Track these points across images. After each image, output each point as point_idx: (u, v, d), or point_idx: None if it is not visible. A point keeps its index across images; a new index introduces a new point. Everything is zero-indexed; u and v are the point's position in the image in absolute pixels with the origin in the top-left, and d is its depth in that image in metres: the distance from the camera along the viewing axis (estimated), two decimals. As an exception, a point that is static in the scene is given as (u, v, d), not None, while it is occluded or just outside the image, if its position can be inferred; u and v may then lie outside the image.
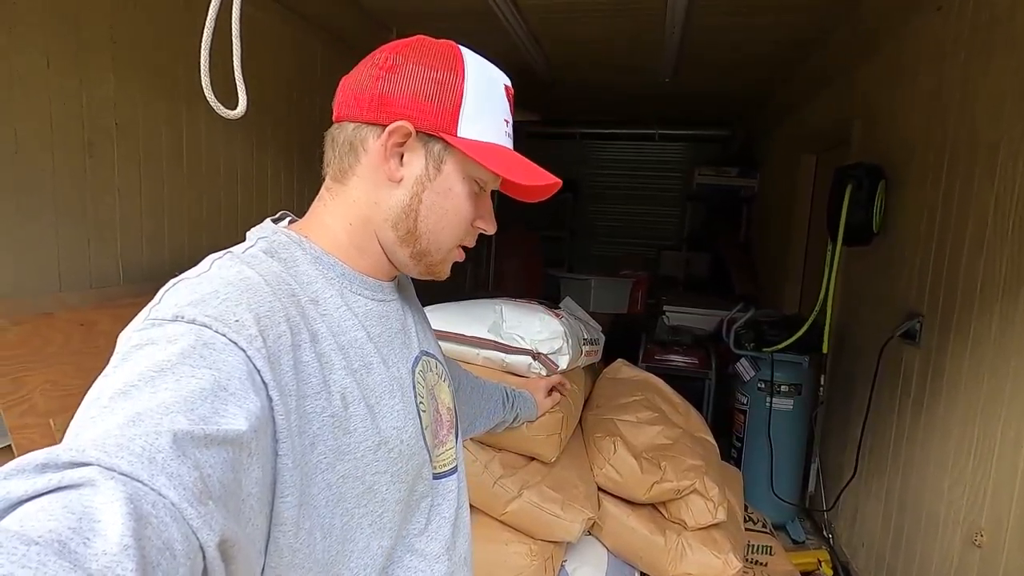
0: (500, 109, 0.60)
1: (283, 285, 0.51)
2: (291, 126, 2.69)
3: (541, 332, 1.35)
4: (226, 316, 0.44)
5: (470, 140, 0.57)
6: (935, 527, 1.73)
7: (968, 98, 1.72)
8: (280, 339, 0.47)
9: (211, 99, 0.58)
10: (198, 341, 0.41)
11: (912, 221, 2.02)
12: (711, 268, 5.17)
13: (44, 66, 1.62)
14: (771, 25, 2.72)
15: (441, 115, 0.56)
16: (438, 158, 0.58)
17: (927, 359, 1.86)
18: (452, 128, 0.56)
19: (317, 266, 0.57)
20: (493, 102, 0.59)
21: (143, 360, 0.39)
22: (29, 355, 1.60)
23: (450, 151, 0.58)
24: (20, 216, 1.59)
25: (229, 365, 0.41)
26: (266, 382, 0.44)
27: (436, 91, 0.56)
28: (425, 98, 0.56)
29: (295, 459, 0.46)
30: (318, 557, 0.49)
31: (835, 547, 2.45)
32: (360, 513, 0.53)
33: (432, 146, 0.57)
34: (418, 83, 0.56)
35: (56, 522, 0.27)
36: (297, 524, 0.47)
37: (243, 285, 0.47)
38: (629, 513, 1.39)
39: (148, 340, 0.41)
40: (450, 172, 0.58)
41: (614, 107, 4.96)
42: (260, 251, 0.54)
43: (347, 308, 0.56)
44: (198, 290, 0.45)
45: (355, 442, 0.52)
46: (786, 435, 2.56)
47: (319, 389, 0.49)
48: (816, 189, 3.45)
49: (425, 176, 0.58)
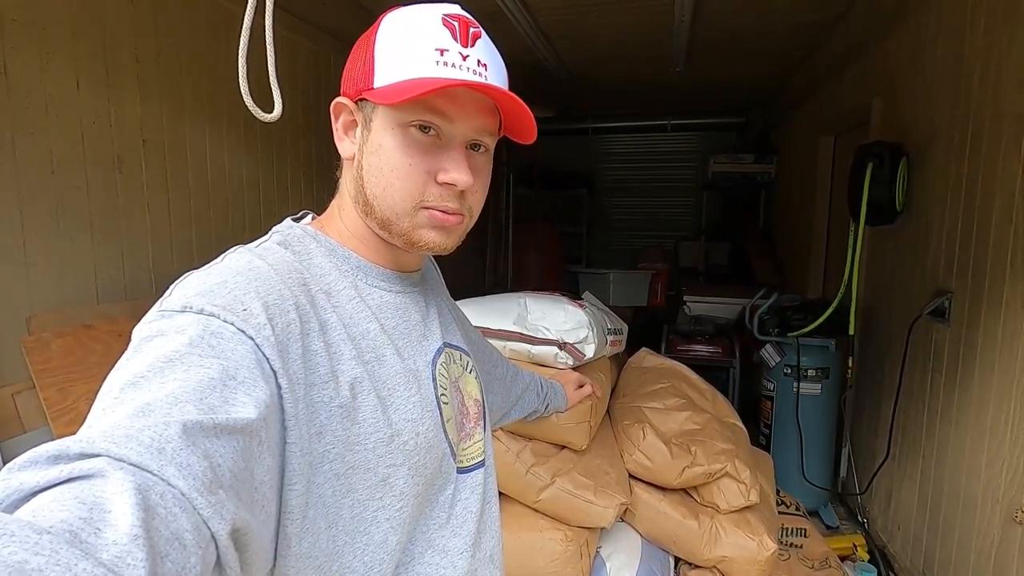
0: (428, 42, 0.53)
1: (294, 274, 0.51)
2: (309, 137, 2.74)
3: (566, 322, 1.36)
4: (234, 305, 0.44)
5: (385, 86, 0.53)
6: (973, 506, 1.70)
7: (992, 69, 1.69)
8: (289, 327, 0.46)
9: (249, 103, 0.61)
10: (206, 331, 0.41)
11: (937, 197, 1.99)
12: (730, 257, 5.12)
13: (75, 88, 1.68)
14: (786, 7, 2.70)
15: (360, 76, 0.55)
16: (367, 118, 0.56)
17: (958, 335, 1.83)
18: (369, 83, 0.54)
19: (331, 258, 0.57)
20: (415, 40, 0.54)
21: (153, 351, 0.40)
22: (73, 366, 1.67)
23: (376, 108, 0.55)
24: (61, 233, 1.66)
25: (238, 354, 0.41)
26: (275, 370, 0.44)
27: (355, 59, 0.57)
28: (349, 70, 0.57)
29: (302, 447, 0.46)
30: (323, 547, 0.49)
31: (870, 531, 2.42)
32: (375, 506, 0.52)
33: (365, 110, 0.56)
34: (349, 61, 0.58)
35: (68, 512, 0.28)
36: (303, 513, 0.47)
37: (251, 274, 0.47)
38: (661, 498, 1.39)
39: (158, 331, 0.42)
40: (378, 127, 0.55)
41: (626, 99, 4.95)
42: (274, 243, 0.55)
43: (360, 300, 0.56)
44: (206, 281, 0.46)
45: (365, 433, 0.51)
46: (815, 420, 2.54)
47: (327, 378, 0.49)
48: (836, 171, 3.40)
49: (362, 140, 0.57)
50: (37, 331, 1.61)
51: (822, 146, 3.49)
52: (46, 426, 1.60)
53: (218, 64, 2.16)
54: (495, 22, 2.76)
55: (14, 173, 1.53)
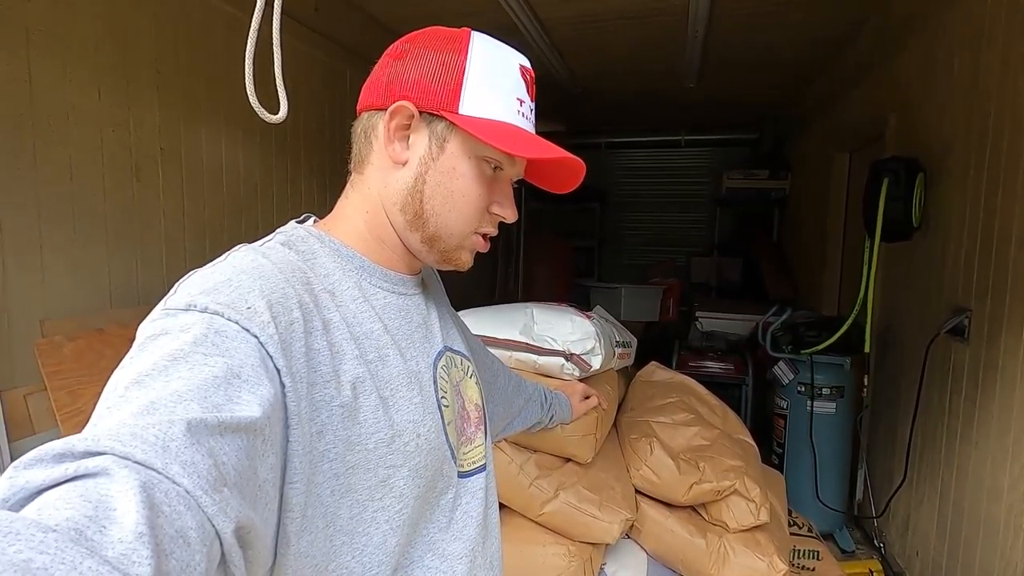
0: (511, 87, 0.58)
1: (297, 273, 0.51)
2: (323, 148, 2.78)
3: (573, 333, 1.35)
4: (238, 303, 0.44)
5: (473, 117, 0.55)
6: (995, 531, 1.64)
7: (1009, 83, 1.66)
8: (292, 325, 0.47)
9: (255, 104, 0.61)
10: (210, 329, 0.41)
11: (954, 213, 1.96)
12: (743, 273, 5.07)
13: (96, 97, 1.72)
14: (799, 22, 2.70)
15: (442, 93, 0.55)
16: (441, 137, 0.56)
17: (977, 354, 1.78)
18: (453, 105, 0.55)
19: (336, 258, 0.57)
20: (502, 80, 0.57)
21: (157, 350, 0.40)
22: (84, 369, 1.68)
23: (454, 130, 0.56)
24: (77, 239, 1.69)
25: (242, 352, 0.41)
26: (279, 368, 0.44)
27: (438, 70, 0.55)
28: (427, 78, 0.55)
29: (304, 446, 0.46)
30: (320, 546, 0.49)
31: (887, 556, 2.34)
32: (374, 507, 0.52)
33: (436, 126, 0.56)
34: (422, 65, 0.56)
35: (73, 510, 0.28)
36: (302, 511, 0.47)
37: (255, 272, 0.47)
38: (668, 515, 1.36)
39: (162, 330, 0.42)
40: (454, 151, 0.57)
41: (639, 115, 4.96)
42: (278, 243, 0.55)
43: (364, 300, 0.56)
44: (210, 279, 0.46)
45: (366, 433, 0.51)
46: (830, 440, 2.48)
47: (329, 378, 0.49)
48: (851, 188, 3.37)
49: (429, 156, 0.57)
50: (50, 334, 1.63)
51: (837, 161, 3.46)
52: (56, 428, 1.62)
53: (235, 75, 2.19)
54: (509, 37, 2.75)
55: (34, 179, 1.56)
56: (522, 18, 2.63)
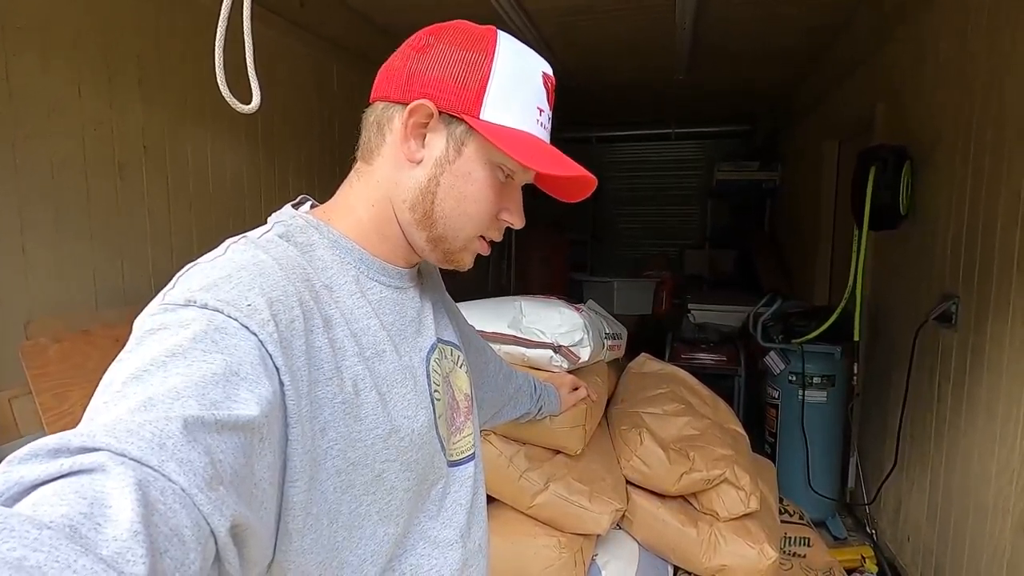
0: (533, 96, 0.57)
1: (297, 269, 0.51)
2: (312, 144, 2.76)
3: (561, 325, 1.35)
4: (238, 301, 0.43)
5: (493, 124, 0.54)
6: (984, 516, 1.66)
7: (995, 71, 1.67)
8: (293, 323, 0.46)
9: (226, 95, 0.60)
10: (210, 326, 0.41)
11: (942, 201, 1.96)
12: (736, 264, 5.09)
13: (76, 94, 1.70)
14: (788, 13, 2.69)
15: (464, 96, 0.54)
16: (459, 140, 0.56)
17: (965, 340, 1.79)
18: (475, 110, 0.54)
19: (334, 250, 0.56)
20: (525, 88, 0.56)
21: (155, 345, 0.39)
22: (69, 371, 1.66)
23: (472, 135, 0.55)
24: (59, 238, 1.67)
25: (241, 350, 0.41)
26: (278, 367, 0.43)
27: (462, 71, 0.54)
28: (450, 78, 0.54)
29: (305, 445, 0.45)
30: (324, 543, 0.49)
31: (879, 542, 2.36)
32: (368, 500, 0.53)
33: (454, 128, 0.56)
34: (445, 63, 0.55)
35: (68, 507, 0.28)
36: (306, 509, 0.46)
37: (256, 269, 0.47)
38: (659, 505, 1.37)
39: (161, 325, 0.41)
40: (471, 155, 0.56)
41: (630, 108, 4.96)
42: (276, 235, 0.54)
43: (361, 295, 0.56)
44: (211, 275, 0.45)
45: (366, 429, 0.51)
46: (821, 428, 2.49)
47: (331, 375, 0.49)
48: (840, 177, 3.38)
49: (445, 158, 0.56)
50: (35, 336, 1.61)
51: (827, 152, 3.47)
52: (42, 431, 1.60)
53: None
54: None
55: (14, 178, 1.54)
56: (508, 10, 2.62)
